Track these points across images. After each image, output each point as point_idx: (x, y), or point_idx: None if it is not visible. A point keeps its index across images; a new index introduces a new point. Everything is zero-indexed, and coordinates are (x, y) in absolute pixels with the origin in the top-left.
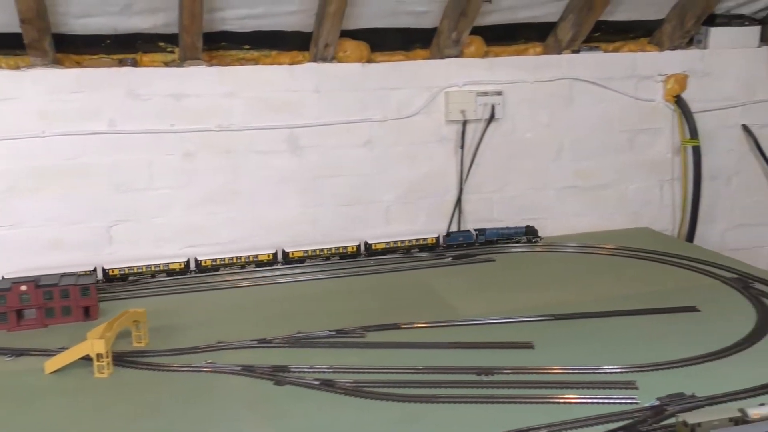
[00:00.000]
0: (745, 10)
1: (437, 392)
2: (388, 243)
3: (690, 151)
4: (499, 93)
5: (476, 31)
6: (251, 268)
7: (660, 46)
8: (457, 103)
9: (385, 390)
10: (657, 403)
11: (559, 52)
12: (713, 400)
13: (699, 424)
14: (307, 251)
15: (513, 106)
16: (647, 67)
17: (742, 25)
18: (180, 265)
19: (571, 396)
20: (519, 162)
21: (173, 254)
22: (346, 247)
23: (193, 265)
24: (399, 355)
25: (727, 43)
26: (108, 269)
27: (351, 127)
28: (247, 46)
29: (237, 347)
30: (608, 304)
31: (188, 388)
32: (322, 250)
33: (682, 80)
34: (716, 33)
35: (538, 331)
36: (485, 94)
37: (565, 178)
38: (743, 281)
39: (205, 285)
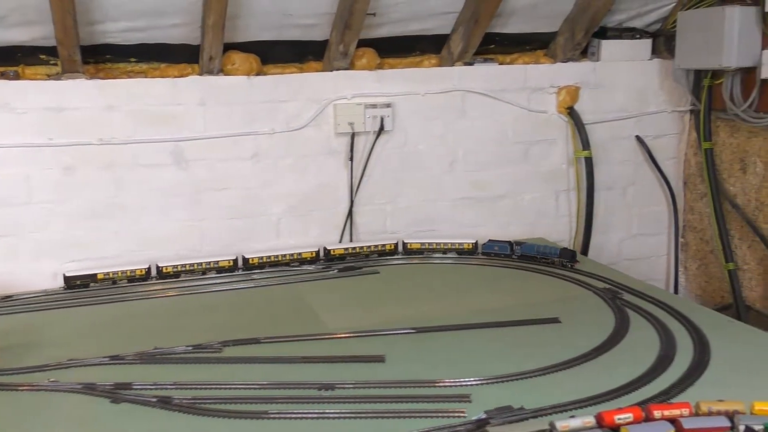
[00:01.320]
0: (638, 23)
1: (270, 408)
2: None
3: (583, 162)
4: (389, 105)
5: (370, 43)
6: (123, 283)
7: (554, 58)
8: (346, 115)
9: (221, 406)
10: (483, 416)
11: (452, 64)
12: (539, 413)
13: None
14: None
15: (404, 118)
16: (540, 78)
17: (633, 38)
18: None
19: (403, 410)
20: (412, 173)
21: (54, 270)
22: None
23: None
24: (250, 370)
25: (619, 56)
26: None
27: (238, 140)
28: (133, 59)
29: (87, 365)
30: (475, 316)
31: (24, 408)
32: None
33: (573, 92)
34: (608, 45)
35: (396, 344)
36: (374, 106)
37: (459, 189)
38: (612, 292)
39: (77, 301)
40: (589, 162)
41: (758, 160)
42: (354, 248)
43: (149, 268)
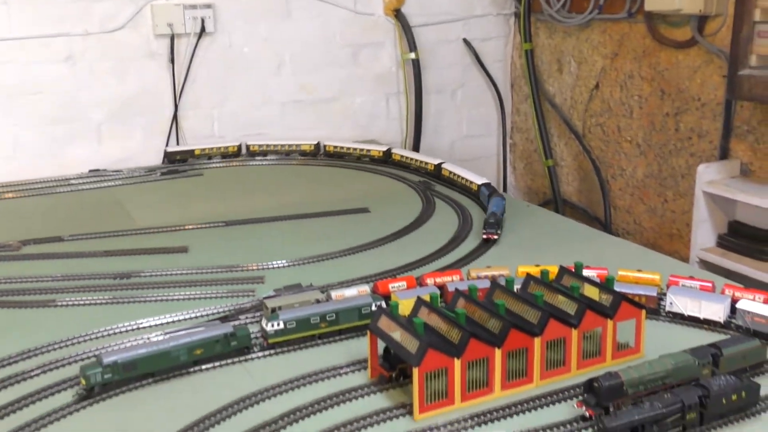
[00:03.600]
0: None
1: (59, 297)
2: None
3: (411, 64)
4: (209, 6)
5: None
6: None
7: None
8: (164, 16)
9: (5, 298)
10: (272, 293)
11: None
12: (326, 288)
13: (279, 307)
14: None
15: (227, 20)
16: None
17: None
18: None
19: (197, 294)
20: (238, 77)
21: None
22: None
23: None
24: (48, 265)
25: None
26: None
27: (48, 42)
28: None
29: None
30: (287, 210)
31: None
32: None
33: None
34: None
35: (204, 237)
36: (194, 7)
37: (288, 93)
38: (426, 184)
39: None
40: (417, 64)
41: (572, 59)
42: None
43: None
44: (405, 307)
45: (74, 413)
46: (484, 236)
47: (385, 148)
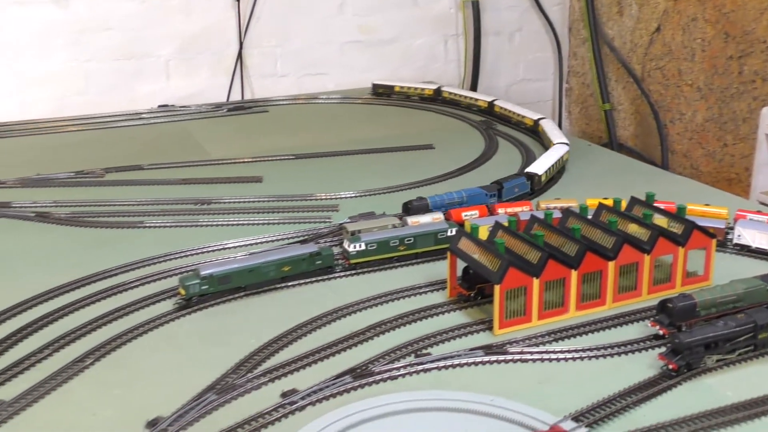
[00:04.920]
0: None
1: (146, 219)
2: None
3: (470, 6)
4: None
5: None
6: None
7: None
8: None
9: (98, 219)
10: (348, 220)
11: None
12: (396, 215)
13: (359, 230)
14: None
15: None
16: None
17: None
18: None
19: (274, 219)
20: (300, 17)
21: None
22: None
23: None
24: (130, 191)
25: None
26: None
27: None
28: None
29: None
30: (354, 145)
31: None
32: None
33: None
34: None
35: (275, 168)
36: None
37: (348, 33)
38: (487, 123)
39: None
40: (476, 6)
41: (633, 2)
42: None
43: None
44: (482, 232)
45: (175, 320)
46: None
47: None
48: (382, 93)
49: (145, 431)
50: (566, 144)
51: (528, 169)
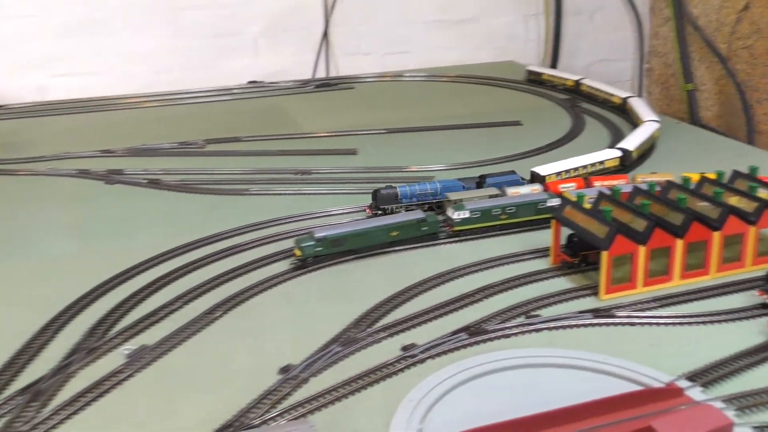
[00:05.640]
0: None
1: (251, 187)
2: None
3: None
4: None
5: None
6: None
7: None
8: None
9: (202, 186)
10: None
11: None
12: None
13: (461, 199)
14: None
15: None
16: None
17: None
18: None
19: (372, 189)
20: None
21: (38, 83)
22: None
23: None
24: (231, 161)
25: None
26: None
27: None
28: None
29: (81, 156)
30: (443, 121)
31: (24, 188)
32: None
33: None
34: None
35: (368, 141)
36: None
37: (430, 13)
38: (572, 101)
39: (62, 110)
40: None
41: None
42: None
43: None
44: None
45: (292, 279)
46: None
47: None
48: (533, 80)
49: (279, 377)
50: (657, 121)
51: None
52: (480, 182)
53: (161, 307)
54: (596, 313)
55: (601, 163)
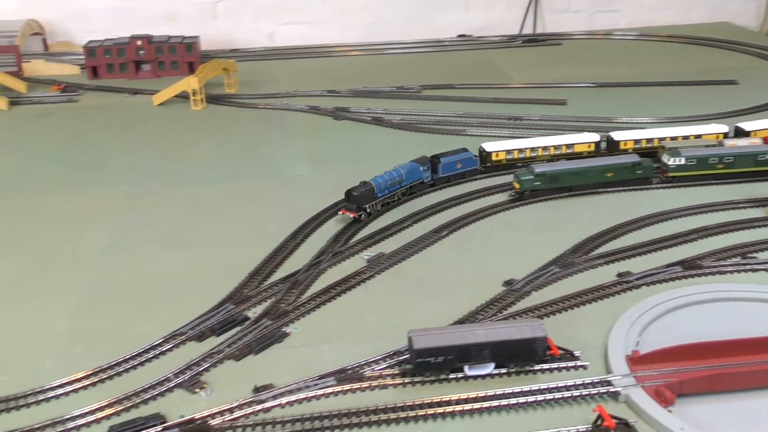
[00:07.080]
0: None
1: (467, 129)
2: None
3: None
4: None
5: None
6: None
7: None
8: None
9: (421, 126)
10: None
11: None
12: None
13: (676, 147)
14: None
15: None
16: None
17: None
18: None
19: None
20: None
21: (269, 30)
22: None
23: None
24: (446, 105)
25: None
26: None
27: None
28: None
29: (310, 95)
30: (653, 77)
31: (265, 119)
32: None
33: None
34: None
35: (577, 94)
36: None
37: None
38: None
39: (292, 54)
40: None
41: None
42: None
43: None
44: None
45: (511, 209)
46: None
47: None
48: None
49: (503, 288)
50: None
51: None
52: (434, 163)
53: (393, 223)
54: None
55: None
